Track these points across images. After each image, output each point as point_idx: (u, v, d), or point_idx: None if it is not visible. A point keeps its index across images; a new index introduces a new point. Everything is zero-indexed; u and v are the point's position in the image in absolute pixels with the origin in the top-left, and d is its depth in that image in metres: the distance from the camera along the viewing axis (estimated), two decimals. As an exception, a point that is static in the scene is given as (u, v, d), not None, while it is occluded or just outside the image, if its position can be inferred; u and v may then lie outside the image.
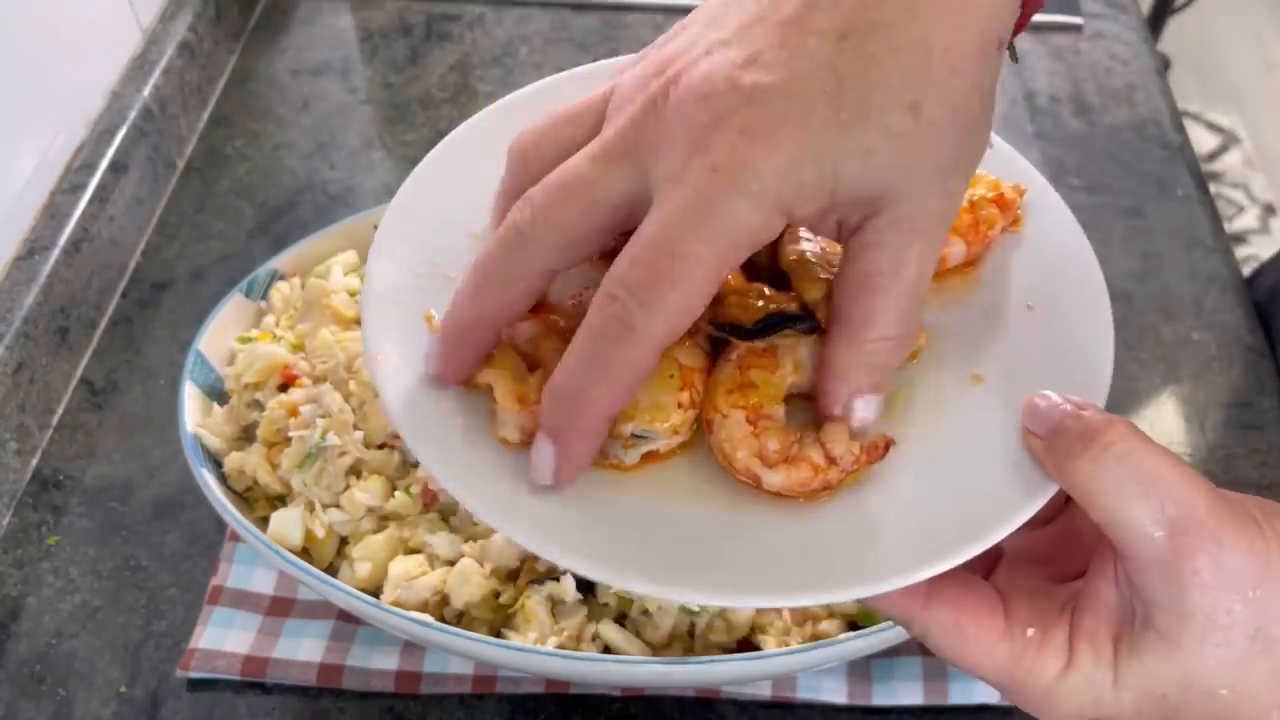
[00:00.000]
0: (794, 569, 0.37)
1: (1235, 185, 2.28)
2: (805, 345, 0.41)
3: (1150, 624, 0.36)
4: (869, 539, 0.38)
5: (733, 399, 0.40)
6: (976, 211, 0.45)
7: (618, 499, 0.39)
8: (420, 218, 0.46)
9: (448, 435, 0.39)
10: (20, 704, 0.64)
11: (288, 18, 1.10)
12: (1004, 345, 0.43)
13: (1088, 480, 0.36)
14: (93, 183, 0.83)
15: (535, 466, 0.37)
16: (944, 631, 0.38)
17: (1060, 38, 1.09)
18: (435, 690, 0.64)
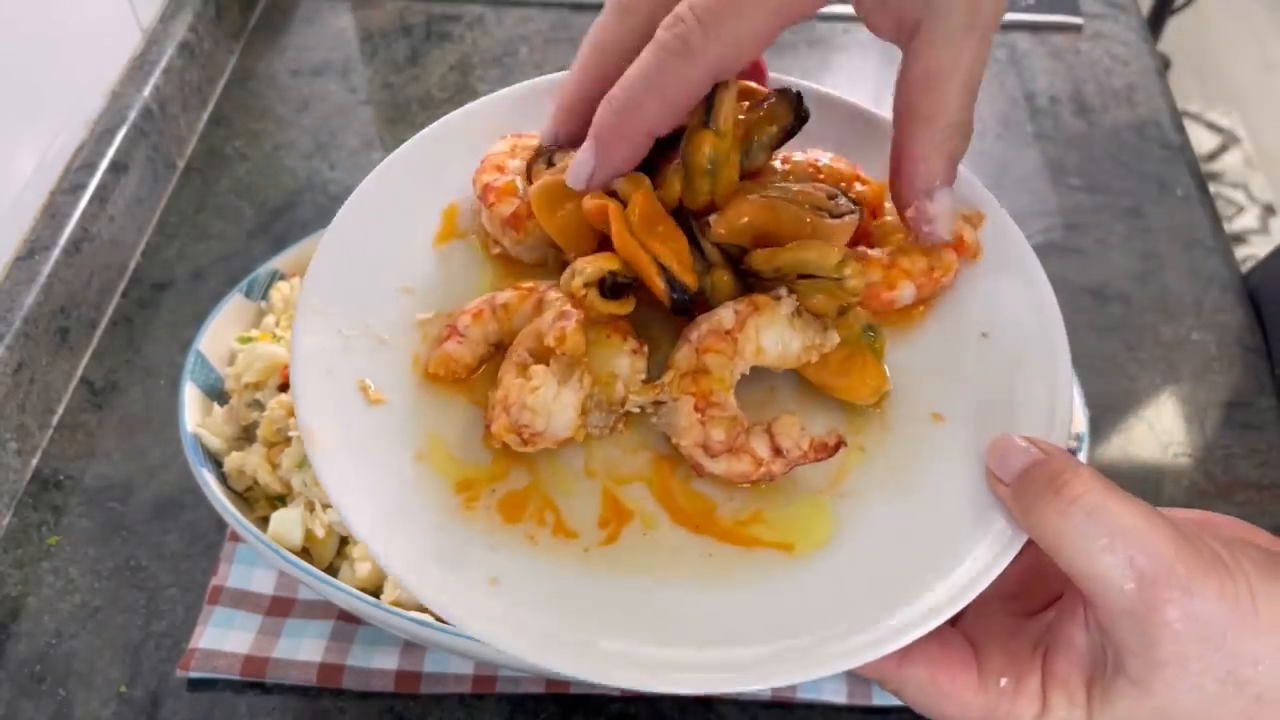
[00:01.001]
0: (769, 645, 0.37)
1: (1235, 185, 2.28)
2: (774, 326, 0.40)
3: (1122, 670, 0.36)
4: (842, 608, 0.38)
5: (684, 384, 0.40)
6: (932, 257, 0.44)
7: (581, 579, 0.38)
8: (346, 273, 0.44)
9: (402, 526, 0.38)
10: (20, 704, 0.64)
11: (288, 18, 1.10)
12: (963, 379, 0.43)
13: (1055, 533, 0.36)
14: (93, 183, 0.83)
15: (573, 169, 0.40)
16: (919, 689, 0.39)
17: (1060, 38, 1.09)
18: (435, 690, 0.64)
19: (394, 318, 0.43)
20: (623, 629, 0.37)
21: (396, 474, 0.40)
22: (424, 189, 0.48)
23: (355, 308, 0.43)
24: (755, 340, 0.40)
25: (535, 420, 0.39)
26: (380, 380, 0.41)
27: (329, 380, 0.41)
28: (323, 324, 0.42)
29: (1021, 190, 0.95)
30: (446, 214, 0.48)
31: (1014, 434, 0.39)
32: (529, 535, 0.39)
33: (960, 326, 0.44)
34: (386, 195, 0.47)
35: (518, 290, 0.43)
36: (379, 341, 0.43)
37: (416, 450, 0.40)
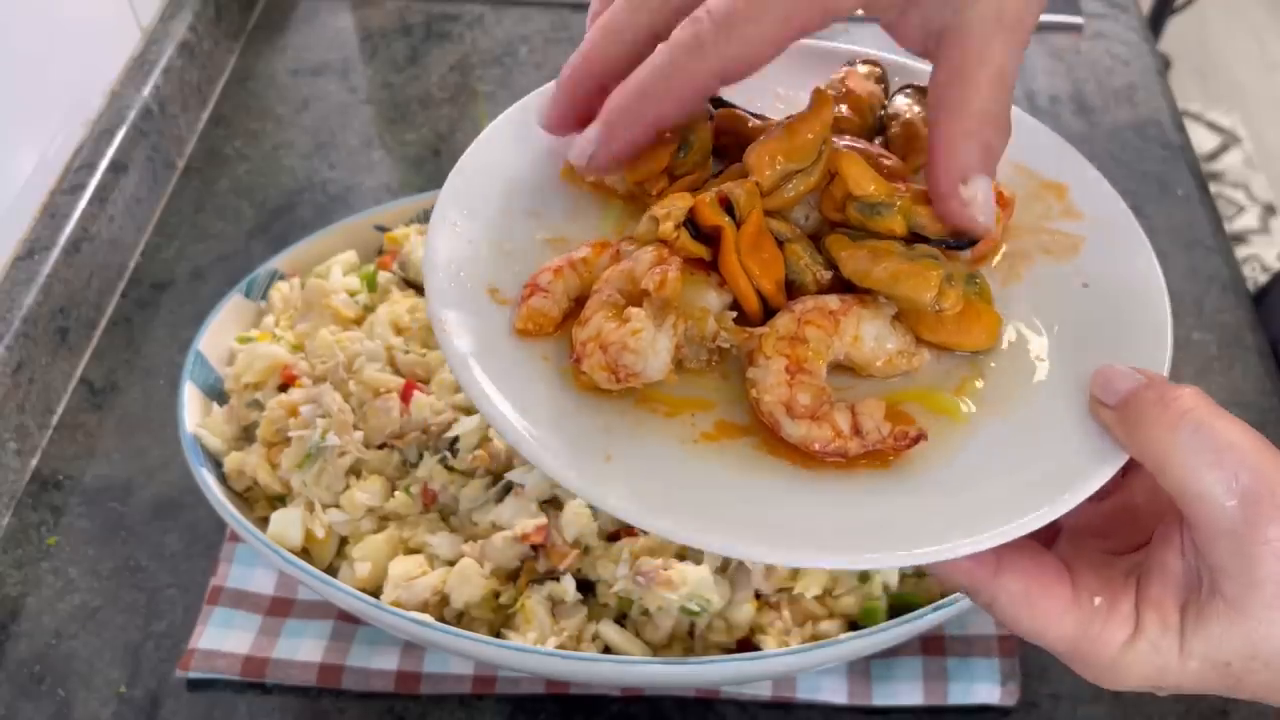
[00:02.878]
0: (871, 532, 0.38)
1: (1235, 185, 2.28)
2: (877, 320, 0.42)
3: (1218, 592, 0.36)
4: (943, 505, 0.39)
5: (780, 346, 0.41)
6: None
7: (686, 466, 0.40)
8: (479, 193, 0.47)
9: (519, 399, 0.40)
10: (20, 704, 0.64)
11: (287, 17, 1.10)
12: (1067, 321, 0.44)
13: (1161, 448, 0.36)
14: (92, 183, 0.83)
15: (576, 146, 0.42)
16: (1012, 600, 0.39)
17: (1060, 38, 1.09)
18: (435, 690, 0.64)
19: (520, 235, 0.46)
20: (727, 507, 0.39)
21: (522, 364, 0.42)
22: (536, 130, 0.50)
23: (485, 223, 0.46)
24: (855, 328, 0.42)
25: (635, 361, 0.40)
26: (506, 286, 0.44)
27: (459, 280, 0.43)
28: (454, 233, 0.45)
29: (1022, 190, 0.94)
30: None
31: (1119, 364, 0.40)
32: (641, 421, 0.41)
33: (1062, 277, 0.46)
34: (522, 129, 0.49)
35: (593, 246, 0.44)
36: (505, 253, 0.45)
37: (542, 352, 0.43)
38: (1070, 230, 0.48)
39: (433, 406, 0.65)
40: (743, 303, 0.43)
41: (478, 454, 0.63)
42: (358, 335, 0.70)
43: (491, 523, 0.62)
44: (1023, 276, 0.47)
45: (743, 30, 0.38)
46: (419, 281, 0.74)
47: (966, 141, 0.40)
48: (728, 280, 0.43)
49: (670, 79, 0.39)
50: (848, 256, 0.43)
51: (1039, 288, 0.46)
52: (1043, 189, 0.49)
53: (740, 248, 0.42)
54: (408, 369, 0.68)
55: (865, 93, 0.51)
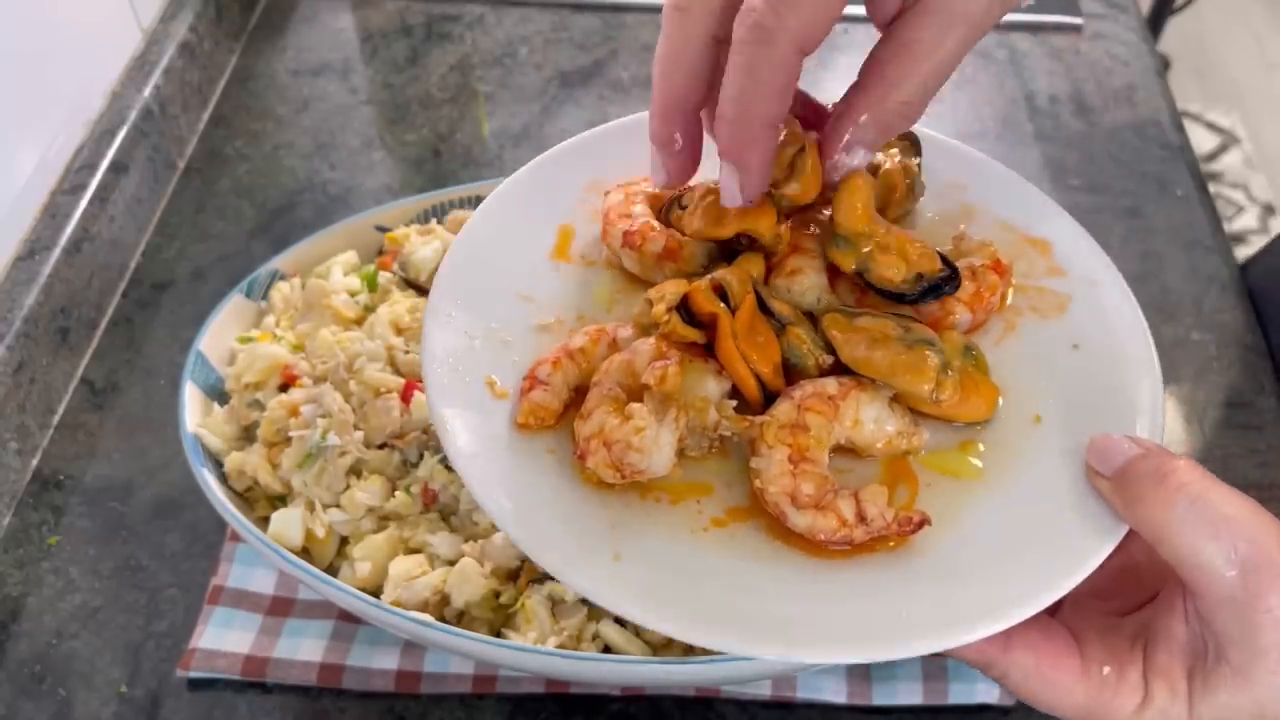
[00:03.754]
0: (885, 624, 0.38)
1: (1235, 185, 2.28)
2: (875, 403, 0.42)
3: (1223, 659, 0.37)
4: (953, 592, 0.39)
5: (782, 434, 0.41)
6: (978, 280, 0.47)
7: (695, 562, 0.40)
8: (470, 282, 0.47)
9: (525, 500, 0.41)
10: (21, 704, 0.64)
11: (288, 18, 1.10)
12: (1058, 386, 0.45)
13: (1160, 521, 0.37)
14: (93, 183, 0.83)
15: (723, 190, 0.42)
16: (1024, 674, 0.40)
17: (1060, 38, 1.09)
18: (435, 690, 0.64)
19: (515, 322, 0.46)
20: (733, 603, 0.39)
21: (525, 460, 0.42)
22: (538, 210, 0.51)
23: (479, 313, 0.46)
24: (855, 412, 0.42)
25: (640, 459, 0.40)
26: (503, 377, 0.44)
27: (457, 376, 0.44)
28: (449, 326, 0.45)
29: (1021, 190, 0.95)
30: (562, 232, 0.51)
31: (1113, 433, 0.40)
32: (648, 513, 0.41)
33: (1053, 339, 0.47)
34: (505, 214, 0.50)
35: (589, 334, 0.45)
36: (502, 343, 0.45)
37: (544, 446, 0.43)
38: (1056, 288, 0.48)
39: (433, 406, 0.65)
40: (742, 389, 0.43)
41: (478, 454, 0.63)
42: (358, 335, 0.70)
43: (491, 523, 0.62)
44: (1010, 338, 0.47)
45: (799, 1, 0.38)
46: (419, 281, 0.74)
47: (876, 120, 0.41)
48: (726, 366, 0.43)
49: (758, 76, 0.39)
50: (844, 340, 0.43)
51: (1028, 350, 0.46)
52: (1026, 245, 0.50)
53: (736, 333, 0.42)
54: (408, 369, 0.68)
55: None
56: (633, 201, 0.51)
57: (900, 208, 0.50)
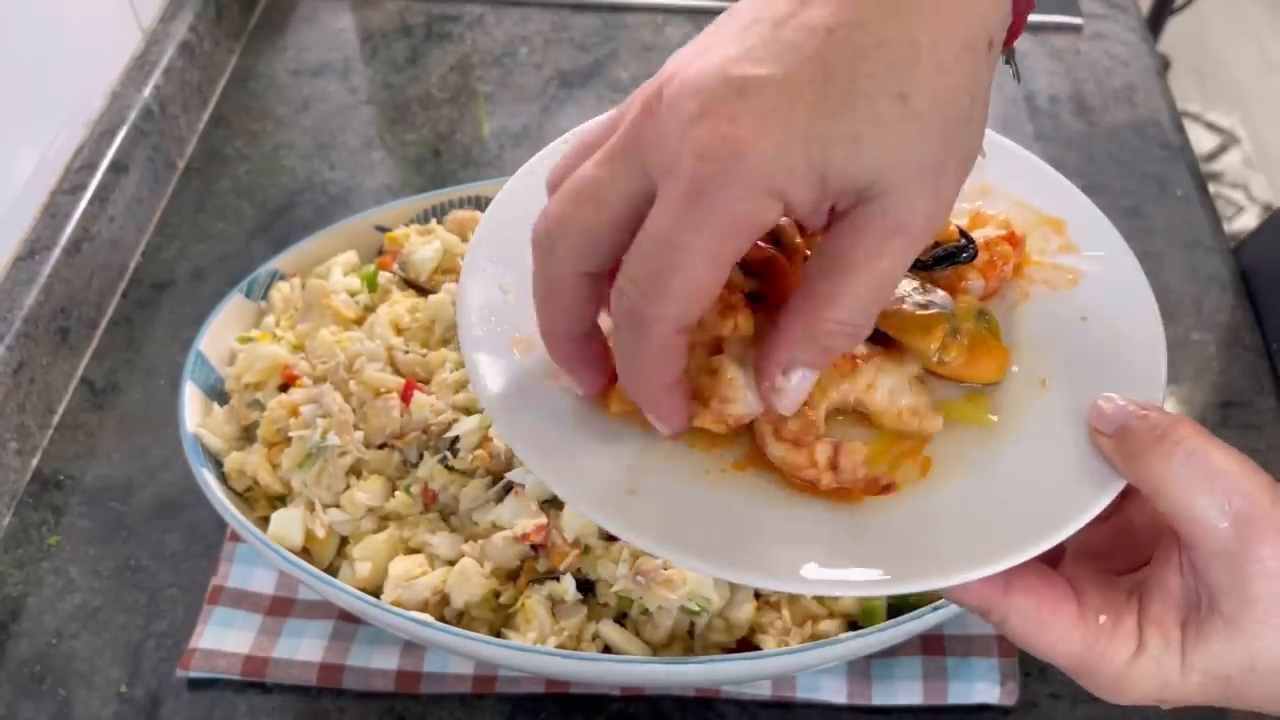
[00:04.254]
0: (893, 561, 0.39)
1: (1235, 185, 2.28)
2: (895, 375, 0.43)
3: (1215, 609, 0.38)
4: (958, 529, 0.40)
5: None
6: (991, 249, 0.48)
7: (703, 498, 0.41)
8: (507, 237, 0.48)
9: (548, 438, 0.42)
10: (21, 704, 0.64)
11: (288, 18, 1.10)
12: (1066, 352, 0.46)
13: (1157, 475, 0.38)
14: (93, 183, 0.83)
15: (656, 426, 0.41)
16: (1023, 618, 0.40)
17: (1060, 38, 1.09)
18: (435, 690, 0.64)
19: None
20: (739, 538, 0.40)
21: (552, 403, 0.43)
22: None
23: (514, 267, 0.46)
24: (871, 377, 0.43)
25: (736, 407, 0.41)
26: (534, 329, 0.44)
27: (489, 326, 0.45)
28: (484, 279, 0.47)
29: (1021, 190, 0.95)
30: None
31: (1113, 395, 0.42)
32: (667, 455, 0.42)
33: (1063, 311, 0.48)
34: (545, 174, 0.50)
35: None
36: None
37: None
38: (1069, 264, 0.50)
39: (433, 406, 0.65)
40: None
41: (478, 454, 0.63)
42: (358, 335, 0.70)
43: (492, 522, 0.62)
44: (1022, 307, 0.48)
45: (675, 285, 0.35)
46: (419, 281, 0.74)
47: (811, 341, 0.38)
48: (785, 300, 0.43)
49: (641, 356, 0.37)
50: None
51: (1038, 319, 0.48)
52: (1041, 223, 0.51)
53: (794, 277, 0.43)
54: (408, 369, 0.68)
55: None
56: None
57: None
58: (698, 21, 1.05)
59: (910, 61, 0.34)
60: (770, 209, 0.34)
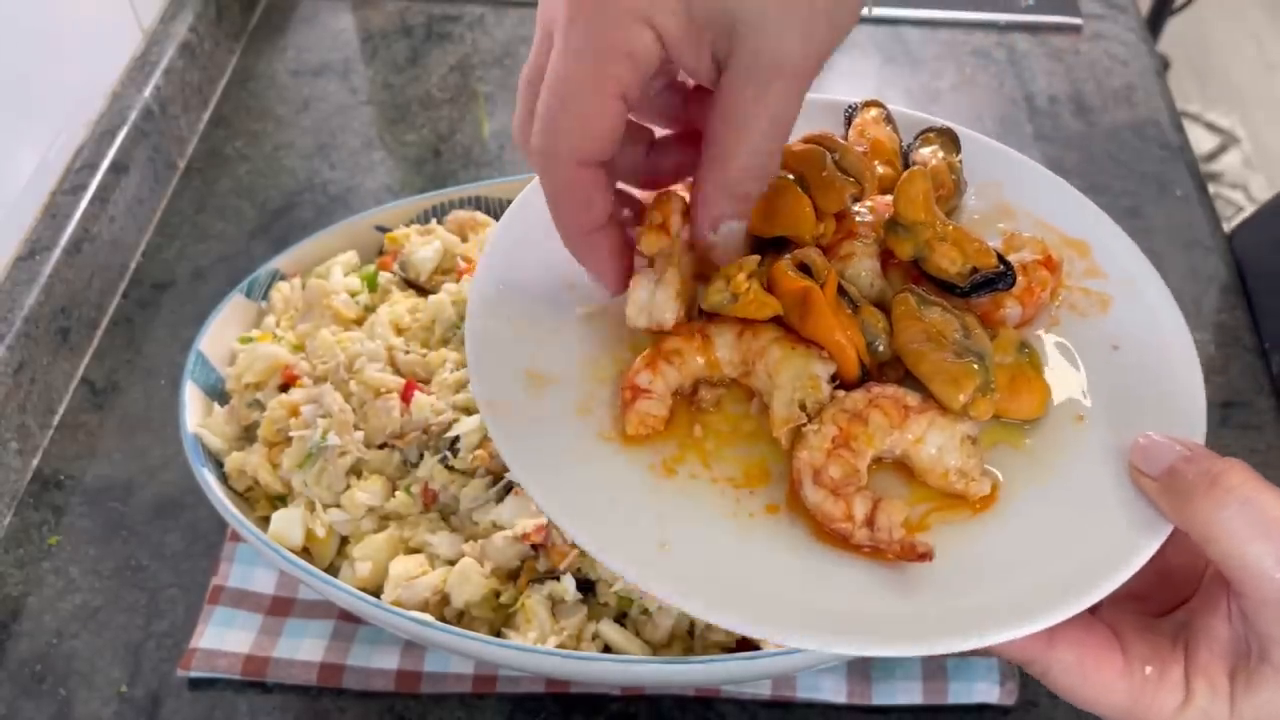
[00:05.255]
0: (936, 619, 0.38)
1: (1234, 186, 2.28)
2: (947, 433, 0.41)
3: (1266, 659, 0.37)
4: (1001, 582, 0.39)
5: (839, 417, 0.41)
6: (1029, 274, 0.46)
7: (739, 550, 0.40)
8: (513, 268, 0.47)
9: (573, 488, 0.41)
10: (21, 703, 0.64)
11: (288, 18, 1.10)
12: (1100, 385, 0.45)
13: (1208, 521, 0.37)
14: (94, 183, 0.83)
15: (595, 284, 0.43)
16: (1065, 671, 0.40)
17: (1059, 38, 1.09)
18: (436, 690, 0.64)
19: (560, 310, 0.46)
20: (779, 594, 0.39)
21: (570, 442, 0.42)
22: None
23: (523, 298, 0.46)
24: (922, 431, 0.41)
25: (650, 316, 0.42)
26: (549, 363, 0.44)
27: (501, 362, 0.44)
28: (493, 311, 0.46)
29: (1021, 191, 0.95)
30: None
31: (1158, 433, 0.40)
32: (693, 497, 0.41)
33: (1094, 340, 0.46)
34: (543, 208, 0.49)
35: (678, 334, 0.44)
36: (547, 330, 0.45)
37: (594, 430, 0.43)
38: (1096, 289, 0.48)
39: (433, 406, 0.65)
40: (842, 363, 0.42)
41: (478, 454, 0.63)
42: (358, 335, 0.70)
43: (492, 522, 0.62)
44: (1052, 334, 0.47)
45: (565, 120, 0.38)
46: (419, 282, 0.74)
47: (725, 193, 0.41)
48: (824, 341, 0.42)
49: (554, 196, 0.41)
50: (904, 326, 0.43)
51: (1070, 347, 0.46)
52: (1065, 246, 0.50)
53: (831, 308, 0.42)
54: (408, 369, 0.68)
55: (885, 137, 0.51)
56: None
57: (945, 204, 0.50)
58: (698, 22, 1.04)
59: None
60: (642, 35, 0.37)
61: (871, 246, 0.46)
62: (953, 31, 1.10)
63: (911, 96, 1.03)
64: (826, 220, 0.45)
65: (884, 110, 0.53)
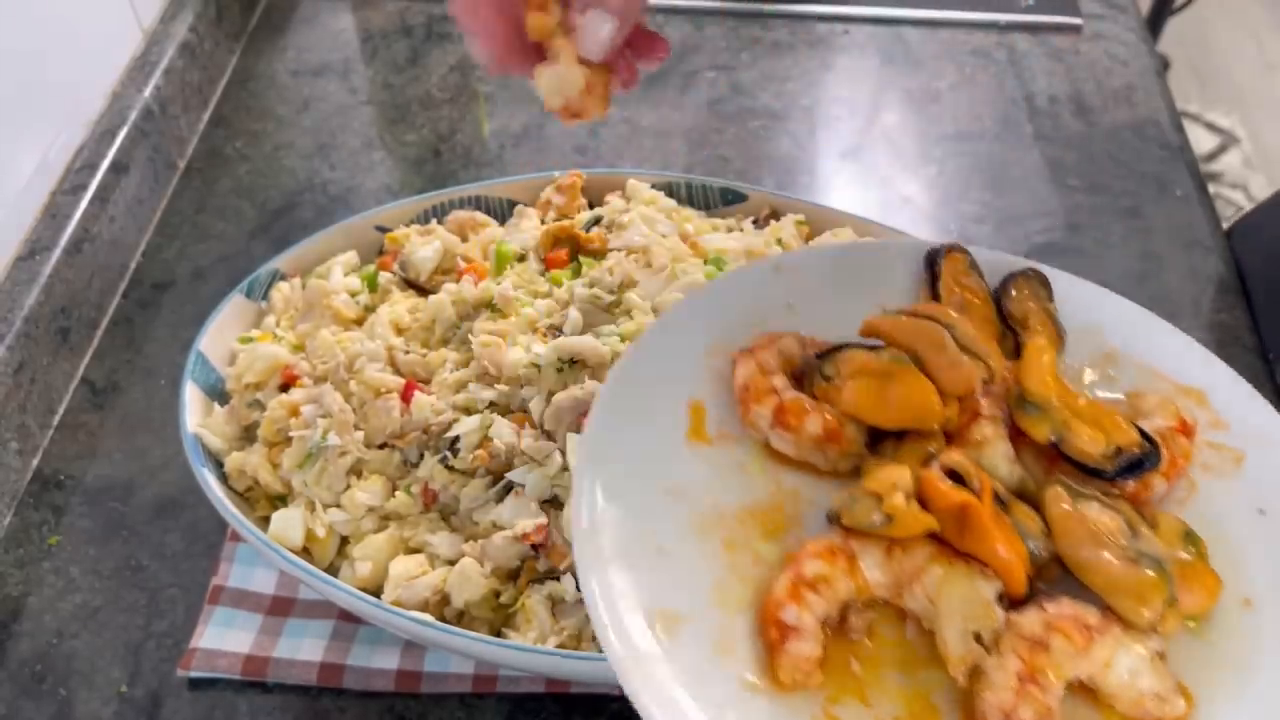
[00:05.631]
0: None
1: (1234, 186, 2.28)
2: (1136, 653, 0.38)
3: None
4: None
5: (1019, 645, 0.38)
6: (1169, 445, 0.43)
7: None
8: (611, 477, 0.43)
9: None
10: (21, 703, 0.64)
11: (288, 18, 1.11)
12: (1257, 560, 0.41)
13: None
14: (94, 183, 0.83)
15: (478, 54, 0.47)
16: None
17: (1059, 38, 1.09)
18: (436, 689, 0.64)
19: (670, 523, 0.42)
20: None
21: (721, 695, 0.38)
22: (661, 387, 0.47)
23: (628, 517, 0.42)
24: (1109, 655, 0.38)
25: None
26: (675, 594, 0.40)
27: (631, 608, 0.39)
28: (596, 538, 0.41)
29: (1021, 191, 0.95)
30: (694, 410, 0.47)
31: None
32: None
33: (1235, 504, 0.43)
34: (629, 398, 0.46)
35: (820, 553, 0.40)
36: (659, 552, 0.41)
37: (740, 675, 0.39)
38: (1224, 443, 0.44)
39: (433, 406, 0.65)
40: (1011, 581, 0.39)
41: (478, 454, 0.63)
42: (358, 335, 0.70)
43: (492, 522, 0.62)
44: (1191, 503, 0.43)
45: None
46: (419, 282, 0.74)
47: None
48: (989, 558, 0.39)
49: None
50: (1065, 530, 0.39)
51: (1212, 517, 0.42)
52: (1181, 395, 0.46)
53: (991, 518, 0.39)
54: (408, 369, 0.68)
55: (976, 288, 0.49)
56: (768, 371, 0.47)
57: None
58: (697, 21, 1.05)
59: None
60: None
61: (1001, 428, 0.43)
62: (953, 31, 1.10)
63: (911, 96, 1.03)
64: (950, 404, 0.42)
65: (968, 256, 0.50)
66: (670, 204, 0.79)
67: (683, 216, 0.77)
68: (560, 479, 0.61)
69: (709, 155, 0.97)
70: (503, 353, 0.65)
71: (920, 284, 0.51)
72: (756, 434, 0.45)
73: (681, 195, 0.81)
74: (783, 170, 0.96)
